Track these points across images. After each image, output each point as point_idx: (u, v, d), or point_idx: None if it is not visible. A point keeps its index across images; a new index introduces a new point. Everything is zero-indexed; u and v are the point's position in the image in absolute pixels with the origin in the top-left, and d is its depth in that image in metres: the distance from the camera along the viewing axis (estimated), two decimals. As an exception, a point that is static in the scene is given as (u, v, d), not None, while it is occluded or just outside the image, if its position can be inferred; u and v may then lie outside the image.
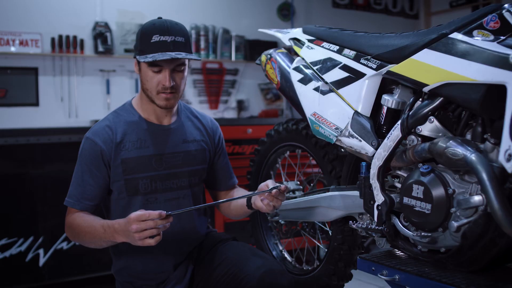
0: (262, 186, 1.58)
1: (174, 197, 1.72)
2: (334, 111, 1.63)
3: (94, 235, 1.56)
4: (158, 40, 1.57)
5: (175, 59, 1.59)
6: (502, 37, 1.19)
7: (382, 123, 1.50)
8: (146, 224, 1.39)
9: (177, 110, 1.79)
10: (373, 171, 1.47)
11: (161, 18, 1.66)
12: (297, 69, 1.80)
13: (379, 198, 1.46)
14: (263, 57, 2.00)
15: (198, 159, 1.78)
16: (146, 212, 1.40)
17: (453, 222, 1.27)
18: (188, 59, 1.64)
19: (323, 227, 1.91)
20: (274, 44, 4.66)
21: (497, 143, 1.17)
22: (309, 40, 1.80)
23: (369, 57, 1.52)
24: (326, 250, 1.82)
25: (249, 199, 1.67)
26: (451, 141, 1.25)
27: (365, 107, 1.55)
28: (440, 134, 1.33)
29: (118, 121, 1.69)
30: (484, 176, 1.14)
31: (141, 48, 1.60)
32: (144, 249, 1.54)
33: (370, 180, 1.49)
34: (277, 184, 1.54)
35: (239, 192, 1.91)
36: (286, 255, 2.13)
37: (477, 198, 1.21)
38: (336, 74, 1.63)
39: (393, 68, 1.43)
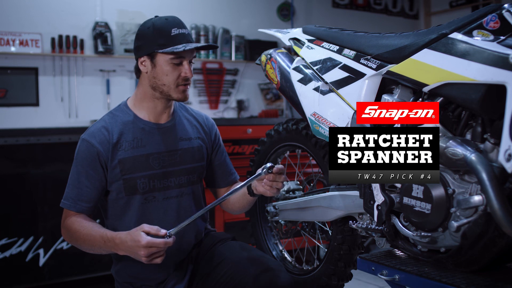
0: (258, 170, 1.57)
1: (173, 195, 1.72)
2: (334, 111, 1.63)
3: (93, 244, 1.56)
4: (178, 33, 1.63)
5: (194, 50, 1.66)
6: (502, 37, 1.19)
7: (382, 123, 1.50)
8: (156, 249, 1.44)
9: (173, 109, 1.79)
10: (373, 171, 1.47)
11: (157, 16, 1.68)
12: (297, 69, 1.80)
13: (379, 198, 1.46)
14: (263, 57, 1.99)
15: (195, 156, 1.78)
16: (161, 241, 1.44)
17: (453, 222, 1.27)
18: None
19: (323, 227, 1.91)
20: (274, 44, 4.67)
21: (497, 143, 1.17)
22: (309, 40, 1.79)
23: (369, 57, 1.52)
24: (326, 250, 1.82)
25: (249, 186, 1.67)
26: (450, 141, 1.25)
27: (365, 107, 1.55)
28: (440, 134, 1.33)
29: (114, 122, 1.69)
30: (484, 176, 1.14)
31: (162, 42, 1.62)
32: None
33: (370, 180, 1.48)
34: (269, 165, 1.54)
35: (238, 185, 1.89)
36: (286, 255, 2.12)
37: (477, 198, 1.21)
38: (336, 74, 1.62)
39: (393, 68, 1.43)
